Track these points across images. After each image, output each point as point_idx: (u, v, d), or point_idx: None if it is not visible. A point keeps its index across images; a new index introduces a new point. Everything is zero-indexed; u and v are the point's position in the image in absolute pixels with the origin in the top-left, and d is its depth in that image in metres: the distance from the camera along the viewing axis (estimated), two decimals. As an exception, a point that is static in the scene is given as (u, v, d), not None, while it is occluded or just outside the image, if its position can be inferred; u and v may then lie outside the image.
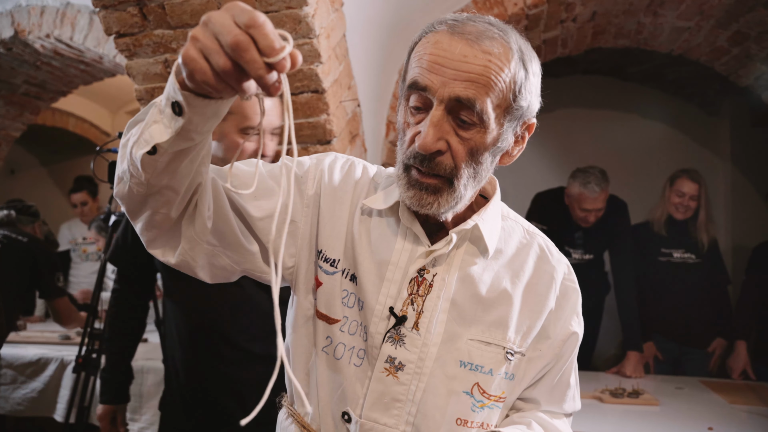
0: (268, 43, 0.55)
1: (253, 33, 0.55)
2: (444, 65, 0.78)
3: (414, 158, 0.82)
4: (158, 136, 0.68)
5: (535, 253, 0.96)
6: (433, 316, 0.88)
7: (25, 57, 3.29)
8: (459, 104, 0.78)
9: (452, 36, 0.79)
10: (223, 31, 0.56)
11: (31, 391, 2.91)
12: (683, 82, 4.05)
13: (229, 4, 0.58)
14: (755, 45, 2.75)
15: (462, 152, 0.81)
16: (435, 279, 0.89)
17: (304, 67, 1.96)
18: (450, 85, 0.78)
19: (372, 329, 0.88)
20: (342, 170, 0.97)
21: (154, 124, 0.68)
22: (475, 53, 0.78)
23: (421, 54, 0.81)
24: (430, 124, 0.79)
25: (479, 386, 0.89)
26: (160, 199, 0.76)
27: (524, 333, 0.91)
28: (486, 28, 0.81)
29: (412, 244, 0.90)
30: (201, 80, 0.59)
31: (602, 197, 2.75)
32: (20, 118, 3.93)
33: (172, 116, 0.66)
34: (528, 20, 2.60)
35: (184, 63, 0.59)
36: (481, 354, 0.89)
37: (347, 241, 0.93)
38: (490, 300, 0.90)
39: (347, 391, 0.90)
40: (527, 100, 0.85)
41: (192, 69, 0.58)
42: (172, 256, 0.84)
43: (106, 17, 1.99)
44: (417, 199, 0.83)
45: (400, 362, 0.88)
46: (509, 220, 0.98)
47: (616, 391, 2.36)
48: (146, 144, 0.68)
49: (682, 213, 2.91)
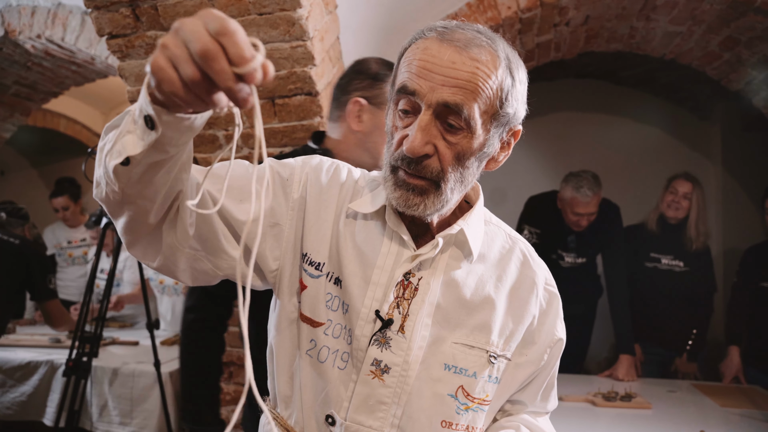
0: (238, 51, 0.52)
1: (223, 41, 0.52)
2: (432, 71, 0.80)
3: (402, 160, 0.83)
4: (131, 148, 0.65)
5: (517, 258, 0.97)
6: (418, 319, 0.89)
7: (16, 57, 3.27)
8: (447, 109, 0.80)
9: (441, 43, 0.81)
10: (193, 38, 0.53)
11: (20, 395, 2.88)
12: (675, 86, 4.07)
13: (202, 11, 0.55)
14: (746, 50, 2.78)
15: (449, 156, 0.83)
16: (420, 283, 0.90)
17: (297, 69, 1.96)
18: (438, 91, 0.79)
19: (358, 332, 0.89)
20: (327, 173, 0.97)
21: (127, 134, 0.66)
22: (463, 60, 0.79)
23: (411, 59, 0.83)
24: (418, 128, 0.80)
25: (463, 389, 0.90)
26: (135, 208, 0.75)
27: (507, 337, 0.93)
28: (474, 36, 0.82)
29: (398, 247, 0.91)
30: (169, 91, 0.55)
31: (594, 201, 2.76)
32: (11, 119, 3.89)
33: (145, 129, 0.64)
34: (521, 24, 2.61)
35: (152, 72, 0.55)
36: (464, 357, 0.90)
37: (332, 244, 0.93)
38: (474, 304, 0.91)
39: (331, 394, 0.90)
40: (513, 107, 0.87)
41: (160, 78, 0.55)
42: (153, 260, 0.84)
43: (98, 18, 1.98)
44: (404, 200, 0.84)
45: (385, 365, 0.88)
46: (492, 225, 1.00)
47: (609, 395, 2.36)
48: (119, 155, 0.66)
49: (673, 211, 2.94)
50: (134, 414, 2.69)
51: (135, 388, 2.70)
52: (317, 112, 2.04)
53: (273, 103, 2.06)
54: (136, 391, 2.70)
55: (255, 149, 0.58)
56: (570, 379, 2.74)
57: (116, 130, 0.69)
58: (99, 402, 2.75)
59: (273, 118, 2.09)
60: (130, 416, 2.70)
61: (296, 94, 2.02)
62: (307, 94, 2.01)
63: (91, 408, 2.73)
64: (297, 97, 2.02)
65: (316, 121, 2.06)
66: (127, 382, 2.72)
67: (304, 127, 2.08)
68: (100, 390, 2.74)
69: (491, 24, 2.52)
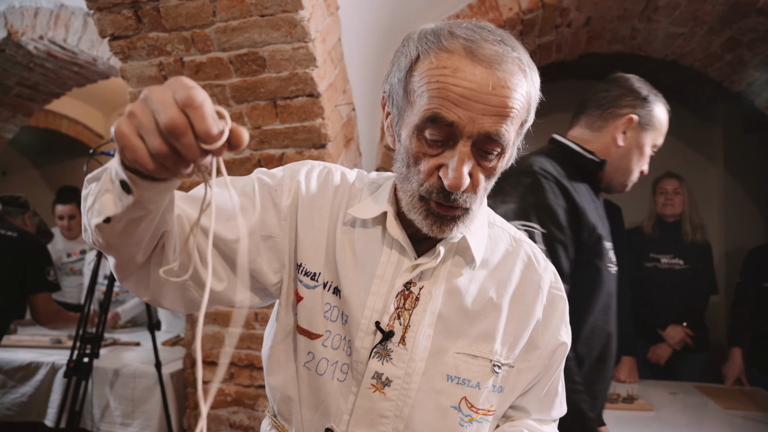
0: (205, 128, 0.51)
1: (191, 114, 0.51)
2: (471, 99, 0.74)
3: (438, 193, 0.78)
4: (109, 209, 0.65)
5: (522, 261, 0.94)
6: (419, 330, 0.86)
7: (18, 58, 3.27)
8: (487, 138, 0.76)
9: (473, 63, 0.74)
10: (161, 109, 0.52)
11: (21, 395, 2.88)
12: (677, 87, 4.07)
13: (172, 78, 0.54)
14: (748, 51, 2.77)
15: (483, 180, 0.80)
16: (422, 292, 0.87)
17: (299, 70, 1.96)
18: (479, 121, 0.74)
19: (357, 344, 0.86)
20: (319, 179, 0.94)
21: (106, 192, 0.66)
22: (500, 83, 0.74)
23: (439, 81, 0.75)
24: (459, 162, 0.75)
25: (467, 400, 0.87)
26: (122, 254, 0.75)
27: (511, 344, 0.90)
28: (504, 51, 0.76)
29: (398, 256, 0.88)
30: (132, 159, 0.54)
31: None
32: (13, 120, 3.90)
33: (122, 192, 0.63)
34: (523, 25, 2.61)
35: (116, 139, 0.54)
36: (468, 367, 0.87)
37: (328, 252, 0.90)
38: (477, 311, 0.88)
39: (330, 406, 0.88)
40: (533, 114, 0.85)
41: (123, 146, 0.54)
42: (144, 294, 0.84)
43: (100, 19, 1.98)
44: (438, 227, 0.81)
45: (387, 378, 0.86)
46: (496, 227, 0.96)
47: (611, 397, 2.36)
48: (99, 214, 0.66)
49: (670, 209, 2.98)
50: (135, 415, 2.69)
51: (136, 389, 2.70)
52: (319, 113, 2.04)
53: (275, 105, 2.06)
54: (137, 392, 2.70)
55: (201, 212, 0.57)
56: (571, 381, 2.74)
57: (97, 183, 0.69)
58: (100, 403, 2.75)
59: (275, 119, 2.09)
60: (131, 417, 2.70)
61: (298, 96, 2.02)
62: (309, 96, 2.01)
63: (93, 409, 2.73)
64: (298, 99, 2.02)
65: (317, 123, 2.06)
66: (128, 383, 2.72)
67: (305, 128, 2.08)
68: (101, 391, 2.74)
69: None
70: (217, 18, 1.89)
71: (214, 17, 1.90)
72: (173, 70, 2.06)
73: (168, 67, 2.06)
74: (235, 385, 2.52)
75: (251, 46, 1.94)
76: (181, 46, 1.99)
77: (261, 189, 0.90)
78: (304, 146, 2.13)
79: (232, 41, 1.93)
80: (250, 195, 0.89)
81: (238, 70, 2.00)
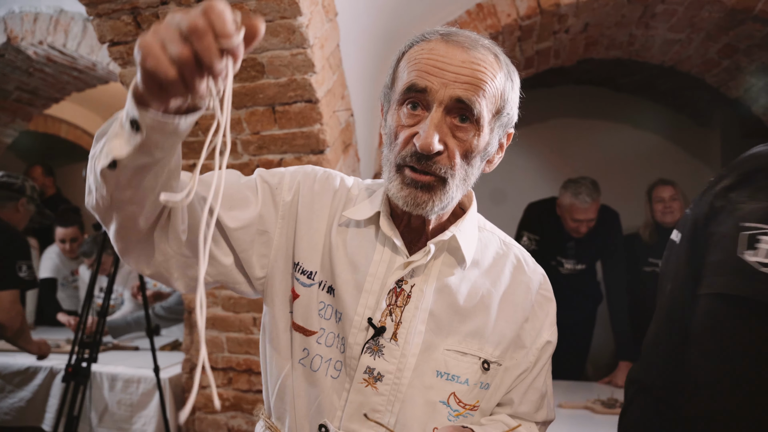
0: (224, 26, 0.54)
1: (211, 16, 0.54)
2: (443, 68, 0.80)
3: (411, 157, 0.82)
4: (117, 151, 0.66)
5: (511, 264, 0.97)
6: (411, 326, 0.89)
7: (18, 63, 3.28)
8: (458, 105, 0.81)
9: (447, 43, 0.82)
10: (183, 19, 0.55)
11: (19, 400, 2.88)
12: (675, 93, 4.08)
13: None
14: (745, 58, 2.79)
15: (458, 153, 0.83)
16: (413, 290, 0.90)
17: (297, 76, 1.97)
18: (450, 87, 0.80)
19: (351, 340, 0.89)
20: (320, 182, 0.98)
21: (115, 138, 0.67)
22: (471, 59, 0.81)
23: (417, 59, 0.83)
24: (430, 124, 0.80)
25: (455, 396, 0.90)
26: (123, 213, 0.75)
27: (499, 343, 0.92)
28: (477, 38, 0.85)
29: (391, 254, 0.91)
30: (153, 66, 0.55)
31: (594, 208, 2.77)
32: (12, 125, 3.90)
33: (131, 132, 0.64)
34: (521, 31, 2.62)
35: (140, 48, 0.56)
36: (457, 364, 0.90)
37: (324, 252, 0.93)
38: (467, 310, 0.91)
39: (324, 403, 0.90)
40: (512, 110, 0.89)
41: (146, 54, 0.55)
42: (147, 267, 0.84)
43: (99, 25, 1.99)
44: (412, 198, 0.84)
45: (378, 373, 0.88)
46: (486, 231, 1.00)
47: (608, 402, 2.36)
48: (106, 157, 0.67)
49: (670, 216, 2.97)
50: (133, 420, 2.69)
51: (134, 393, 2.70)
52: (317, 119, 2.04)
53: (273, 111, 2.07)
54: (136, 397, 2.70)
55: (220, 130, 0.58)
56: (569, 386, 2.74)
57: (104, 137, 0.70)
58: (98, 408, 2.74)
59: (273, 125, 2.09)
60: (129, 422, 2.69)
61: (296, 102, 2.03)
62: (308, 102, 2.02)
63: (91, 414, 2.72)
64: (297, 105, 2.03)
65: (316, 128, 2.07)
66: (126, 388, 2.72)
67: (304, 134, 2.08)
68: (99, 396, 2.74)
69: (491, 31, 2.53)
70: (216, 24, 1.90)
71: (213, 23, 1.90)
72: (172, 75, 2.07)
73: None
74: (233, 390, 2.52)
75: (250, 52, 1.94)
76: (181, 52, 2.00)
77: (262, 186, 0.94)
78: (303, 152, 2.14)
79: (231, 47, 1.94)
80: (253, 189, 0.92)
81: (237, 76, 2.01)
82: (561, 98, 4.34)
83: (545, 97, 4.26)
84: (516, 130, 0.93)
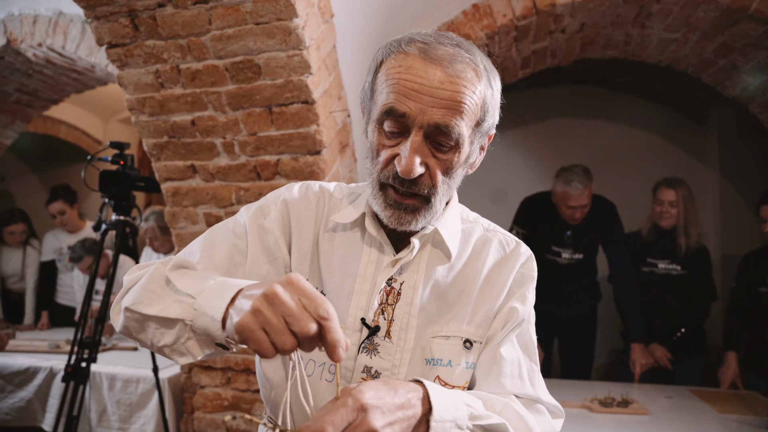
0: (334, 340, 0.63)
1: (324, 324, 0.62)
2: (421, 92, 0.81)
3: (393, 179, 0.85)
4: (197, 353, 0.78)
5: (494, 248, 0.98)
6: (403, 323, 0.91)
7: (17, 65, 3.29)
8: (437, 130, 0.82)
9: (425, 61, 0.81)
10: (294, 316, 0.62)
11: (19, 400, 2.89)
12: (671, 92, 4.09)
13: (289, 279, 0.65)
14: (741, 57, 2.79)
15: (439, 171, 0.85)
16: (403, 287, 0.92)
17: (294, 78, 1.98)
18: (428, 113, 0.81)
19: None
20: (300, 192, 1.00)
21: (189, 340, 0.77)
22: (450, 79, 0.81)
23: (395, 78, 0.83)
24: (410, 150, 0.81)
25: (440, 379, 0.91)
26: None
27: (481, 322, 0.93)
28: (456, 52, 0.83)
29: (378, 254, 0.93)
30: (255, 349, 0.63)
31: (586, 194, 2.81)
32: (12, 126, 3.92)
33: (217, 348, 0.76)
34: (517, 31, 2.63)
35: (240, 331, 0.63)
36: (440, 348, 0.91)
37: (313, 259, 0.96)
38: (453, 299, 0.93)
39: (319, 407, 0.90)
40: (492, 117, 0.89)
41: (249, 339, 0.63)
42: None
43: (98, 28, 2.00)
44: (396, 218, 0.87)
45: (375, 371, 0.90)
46: (468, 222, 1.01)
47: (606, 401, 2.37)
48: (182, 355, 0.78)
49: (665, 220, 2.97)
50: (133, 419, 2.70)
51: (133, 393, 2.71)
52: (314, 120, 2.05)
53: (270, 112, 2.08)
54: (135, 397, 2.71)
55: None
56: (566, 385, 2.75)
57: (161, 324, 0.79)
58: (98, 407, 2.76)
59: (270, 126, 2.11)
60: (128, 422, 2.70)
61: (293, 103, 2.04)
62: (304, 103, 2.03)
63: (90, 413, 2.74)
64: (293, 106, 2.04)
65: (312, 129, 2.08)
66: (125, 388, 2.73)
67: (300, 135, 2.09)
68: (98, 395, 2.75)
69: (487, 32, 2.54)
70: (213, 26, 1.91)
71: (209, 25, 1.92)
72: (170, 77, 2.08)
73: (164, 75, 2.08)
74: (231, 390, 2.53)
75: (246, 54, 1.96)
76: (178, 53, 2.01)
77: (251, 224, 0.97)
78: (300, 153, 2.15)
79: (228, 49, 1.95)
80: (243, 234, 0.96)
81: (234, 78, 2.02)
82: (558, 98, 4.34)
83: (542, 96, 4.27)
84: (513, 130, 0.95)
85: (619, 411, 2.31)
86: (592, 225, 2.94)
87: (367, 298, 0.91)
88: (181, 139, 2.24)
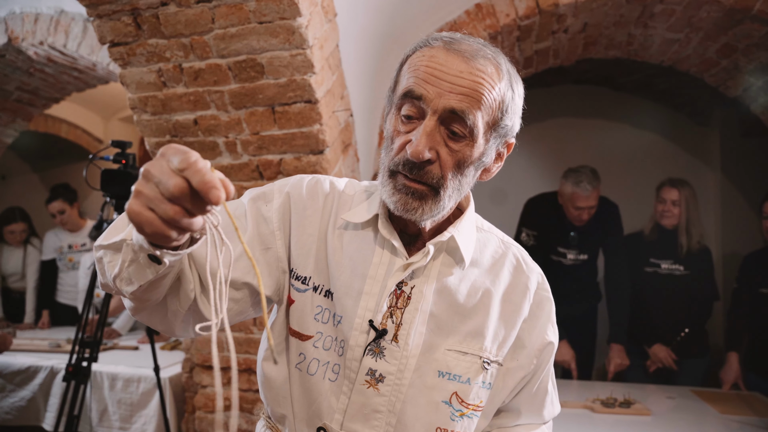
0: (202, 181, 0.57)
1: (188, 175, 0.57)
2: (440, 77, 0.80)
3: (403, 165, 0.83)
4: (142, 278, 0.72)
5: (510, 263, 0.97)
6: (411, 328, 0.89)
7: (18, 64, 3.29)
8: (452, 116, 0.81)
9: (448, 52, 0.82)
10: (162, 179, 0.57)
11: (19, 399, 2.89)
12: (674, 92, 4.09)
13: (164, 147, 0.60)
14: (743, 57, 2.79)
15: (450, 163, 0.83)
16: (413, 291, 0.90)
17: (297, 77, 1.97)
18: (445, 97, 0.80)
19: (352, 342, 0.89)
20: (308, 187, 0.98)
21: (132, 263, 0.72)
22: (470, 69, 0.81)
23: (417, 65, 0.83)
24: (423, 132, 0.80)
25: (458, 395, 0.90)
26: (143, 301, 0.80)
27: (500, 342, 0.93)
28: (480, 48, 0.84)
29: (390, 256, 0.91)
30: (151, 232, 0.59)
31: (594, 195, 2.83)
32: (13, 125, 3.91)
33: (151, 264, 0.70)
34: (520, 31, 2.63)
35: (130, 217, 0.59)
36: (457, 363, 0.90)
37: (319, 257, 0.94)
38: (467, 310, 0.92)
39: (322, 406, 0.91)
40: (512, 120, 0.88)
41: (139, 222, 0.59)
42: (158, 325, 0.89)
43: (100, 26, 1.99)
44: (402, 204, 0.84)
45: (380, 374, 0.89)
46: (484, 232, 1.00)
47: (608, 401, 2.37)
48: (129, 284, 0.74)
49: (667, 219, 2.98)
50: (134, 419, 2.70)
51: (134, 393, 2.71)
52: (317, 119, 2.05)
53: (273, 111, 2.07)
54: (136, 396, 2.71)
55: (216, 282, 0.62)
56: (568, 385, 2.75)
57: (113, 253, 0.75)
58: (98, 407, 2.75)
59: (273, 125, 2.10)
60: (129, 421, 2.70)
61: (296, 102, 2.03)
62: (307, 102, 2.02)
63: (91, 413, 2.73)
64: (296, 105, 2.04)
65: (315, 129, 2.07)
66: (126, 387, 2.73)
67: (303, 134, 2.09)
68: (99, 395, 2.75)
69: (490, 31, 2.54)
70: (216, 25, 1.91)
71: (212, 24, 1.91)
72: (172, 76, 2.07)
73: (167, 74, 2.07)
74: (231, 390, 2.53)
75: (249, 53, 1.95)
76: (180, 52, 2.00)
77: (251, 207, 0.95)
78: (302, 152, 2.14)
79: (231, 48, 1.95)
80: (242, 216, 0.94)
81: (237, 77, 2.02)
82: (560, 98, 4.34)
83: (544, 96, 4.27)
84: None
85: (622, 411, 2.31)
86: (597, 225, 2.95)
87: (376, 300, 0.90)
88: (184, 138, 2.23)
